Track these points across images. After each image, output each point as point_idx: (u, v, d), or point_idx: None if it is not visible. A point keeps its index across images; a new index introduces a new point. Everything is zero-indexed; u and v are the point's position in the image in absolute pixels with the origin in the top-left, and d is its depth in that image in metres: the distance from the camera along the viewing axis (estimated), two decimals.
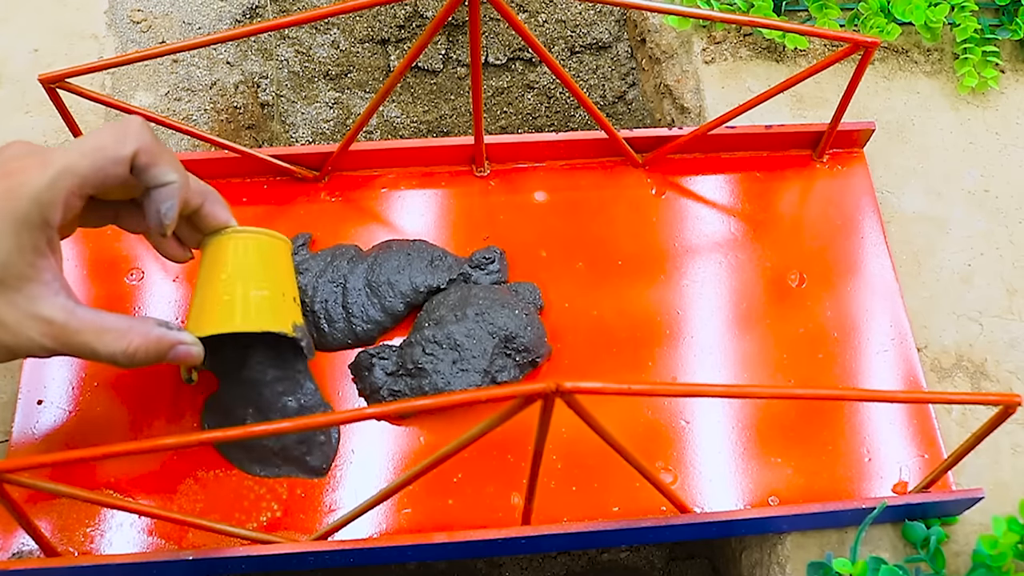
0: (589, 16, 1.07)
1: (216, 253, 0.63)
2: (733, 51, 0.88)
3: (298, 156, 0.77)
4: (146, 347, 0.58)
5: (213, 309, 0.61)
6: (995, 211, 0.81)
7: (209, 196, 0.62)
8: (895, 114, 0.85)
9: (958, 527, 0.68)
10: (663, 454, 0.68)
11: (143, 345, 0.58)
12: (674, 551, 0.95)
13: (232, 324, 0.61)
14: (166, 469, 0.66)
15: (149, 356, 0.58)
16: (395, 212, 0.78)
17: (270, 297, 0.63)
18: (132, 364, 0.58)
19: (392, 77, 0.68)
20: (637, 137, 0.79)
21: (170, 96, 0.85)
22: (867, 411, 0.70)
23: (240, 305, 0.61)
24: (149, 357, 0.58)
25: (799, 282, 0.76)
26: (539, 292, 0.73)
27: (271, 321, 0.62)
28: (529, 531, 0.62)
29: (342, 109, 1.08)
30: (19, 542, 0.63)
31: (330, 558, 0.61)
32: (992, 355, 0.74)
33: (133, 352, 0.57)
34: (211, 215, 0.62)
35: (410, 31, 1.07)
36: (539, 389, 0.46)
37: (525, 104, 1.11)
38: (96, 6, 0.88)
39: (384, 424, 0.69)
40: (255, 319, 0.61)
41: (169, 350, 0.59)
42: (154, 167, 0.58)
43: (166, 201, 0.58)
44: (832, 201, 0.79)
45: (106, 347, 0.57)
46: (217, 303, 0.61)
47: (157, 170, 0.58)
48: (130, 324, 0.58)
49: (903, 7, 0.84)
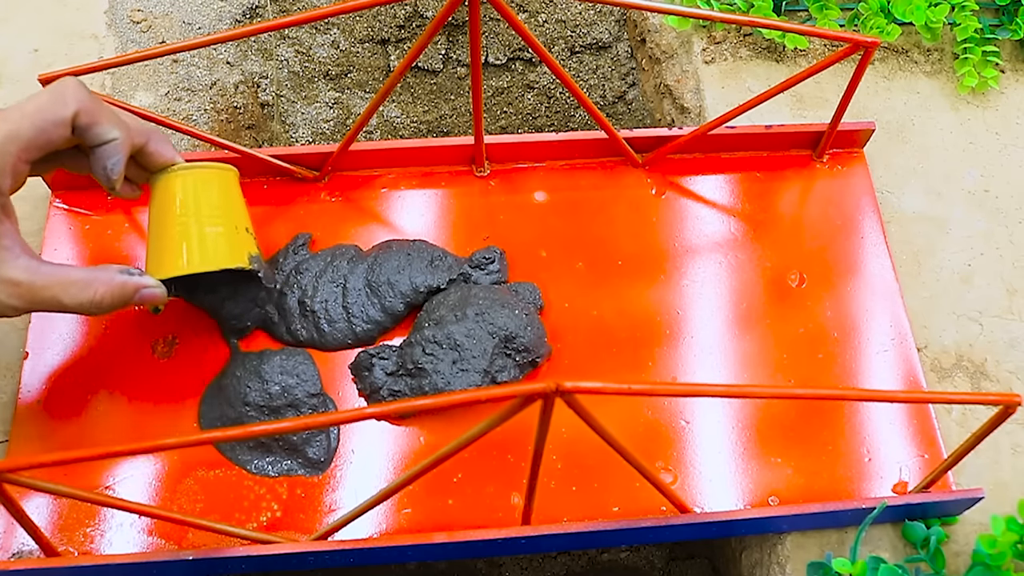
0: (589, 16, 1.07)
1: (165, 191, 0.64)
2: (733, 51, 0.88)
3: (298, 156, 0.77)
4: (111, 294, 0.61)
5: (171, 250, 0.63)
6: (995, 211, 0.81)
7: (153, 135, 0.63)
8: (895, 114, 0.85)
9: (958, 527, 0.68)
10: (663, 454, 0.68)
11: (108, 293, 0.61)
12: (674, 551, 0.95)
13: (191, 265, 0.63)
14: (166, 469, 0.66)
15: (115, 302, 0.61)
16: (395, 212, 0.78)
17: (224, 233, 0.64)
18: (100, 311, 0.61)
19: (392, 77, 0.68)
20: (637, 137, 0.79)
21: (170, 96, 0.85)
22: (867, 411, 0.70)
23: (197, 245, 0.63)
24: (115, 303, 0.61)
25: (799, 282, 0.76)
26: (539, 292, 0.73)
27: (226, 258, 0.64)
28: (529, 531, 0.62)
29: (342, 109, 1.08)
30: (19, 542, 0.63)
31: (330, 558, 0.61)
32: (992, 355, 0.74)
33: (100, 300, 0.60)
34: (156, 153, 0.63)
35: (410, 31, 1.07)
36: (539, 389, 0.46)
37: (525, 104, 1.11)
38: (96, 6, 0.88)
39: (384, 424, 0.69)
40: (211, 258, 0.64)
41: (134, 294, 0.62)
42: (96, 126, 0.59)
43: (111, 158, 0.60)
44: (832, 201, 0.79)
45: (73, 299, 0.60)
46: (173, 244, 0.63)
47: (99, 128, 0.59)
48: (94, 274, 0.61)
49: (903, 7, 0.84)
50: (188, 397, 0.69)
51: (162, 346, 0.71)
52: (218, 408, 0.68)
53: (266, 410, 0.67)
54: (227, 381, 0.68)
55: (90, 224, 0.75)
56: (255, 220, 0.75)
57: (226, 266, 0.64)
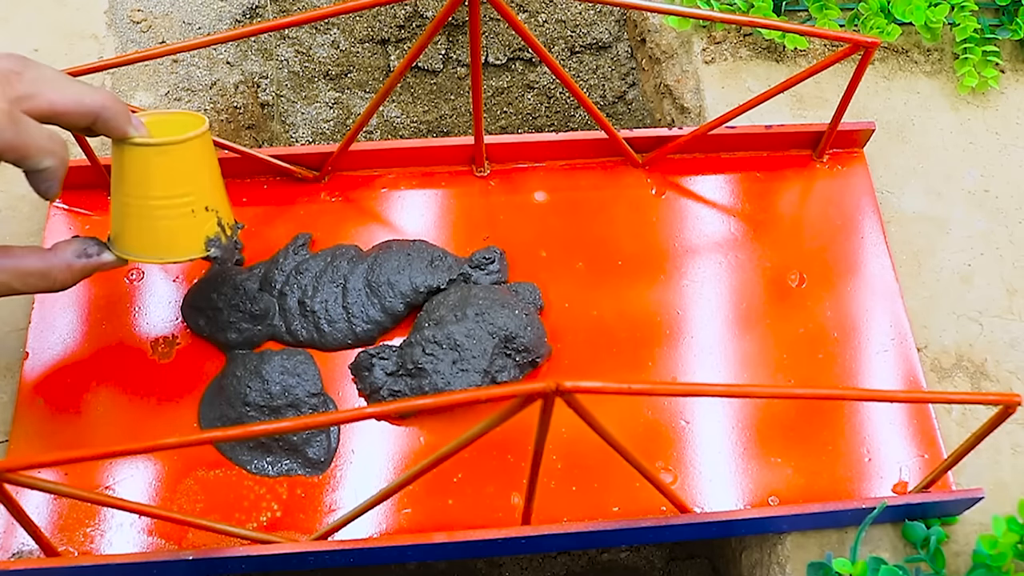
0: (589, 16, 1.07)
1: (119, 166, 0.61)
2: (733, 51, 0.88)
3: (298, 156, 0.77)
4: (72, 278, 0.62)
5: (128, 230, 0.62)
6: (995, 211, 0.81)
7: (102, 114, 0.58)
8: (895, 114, 0.85)
9: (958, 527, 0.68)
10: (663, 454, 0.68)
11: (68, 277, 0.62)
12: (674, 551, 0.95)
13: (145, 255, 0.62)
14: (166, 469, 0.66)
15: (76, 281, 0.62)
16: (395, 212, 0.78)
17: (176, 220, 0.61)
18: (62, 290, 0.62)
19: (392, 77, 0.68)
20: (637, 137, 0.79)
21: (170, 96, 0.85)
22: (867, 411, 0.70)
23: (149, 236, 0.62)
24: (76, 281, 0.63)
25: (799, 282, 0.76)
26: (539, 292, 0.73)
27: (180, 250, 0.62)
28: (529, 531, 0.62)
29: (342, 109, 1.08)
30: (19, 542, 0.63)
31: (330, 558, 0.61)
32: (992, 355, 0.74)
33: (60, 286, 0.62)
34: (106, 131, 0.59)
35: (410, 31, 1.07)
36: (539, 389, 0.46)
37: (525, 104, 1.11)
38: (96, 6, 0.88)
39: (384, 424, 0.69)
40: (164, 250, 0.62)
41: (93, 272, 0.63)
42: (26, 160, 0.56)
43: (44, 183, 0.58)
44: (832, 201, 0.79)
45: (33, 288, 0.61)
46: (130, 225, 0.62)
47: (30, 162, 0.57)
48: (50, 263, 0.61)
49: (903, 7, 0.84)
50: (188, 397, 0.69)
51: (162, 346, 0.71)
52: (218, 408, 0.68)
53: (266, 410, 0.67)
54: (227, 381, 0.68)
55: (90, 224, 0.75)
56: (255, 220, 0.75)
57: (179, 259, 0.62)
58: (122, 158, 0.61)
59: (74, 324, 0.71)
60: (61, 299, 0.71)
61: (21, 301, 0.72)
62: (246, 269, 0.72)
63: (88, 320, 0.71)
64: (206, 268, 0.73)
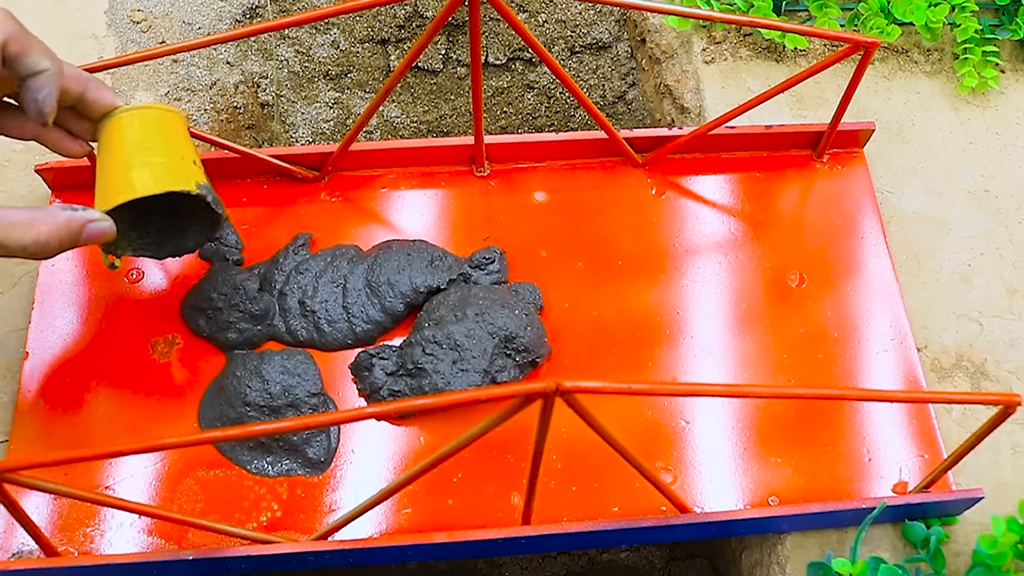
0: (589, 16, 1.07)
1: (108, 134, 0.62)
2: (733, 51, 0.88)
3: (298, 156, 0.77)
4: (57, 233, 0.58)
5: (116, 180, 0.61)
6: (995, 211, 0.81)
7: (91, 83, 0.61)
8: (895, 114, 0.85)
9: (958, 527, 0.68)
10: (663, 454, 0.68)
11: (54, 232, 0.58)
12: (674, 551, 0.95)
13: (133, 191, 0.61)
14: (166, 469, 0.66)
15: (63, 242, 0.58)
16: (395, 212, 0.78)
17: (167, 163, 0.62)
18: (47, 253, 0.58)
19: (392, 77, 0.68)
20: (637, 137, 0.79)
21: (170, 96, 0.85)
22: (867, 411, 0.70)
23: (137, 173, 0.61)
24: (63, 243, 0.58)
25: (799, 282, 0.76)
26: (539, 292, 0.73)
27: (170, 182, 0.61)
28: (529, 531, 0.62)
29: (342, 109, 1.08)
30: (19, 542, 0.63)
31: (330, 558, 0.61)
32: (992, 355, 0.74)
33: (45, 241, 0.57)
34: (96, 100, 0.61)
35: (410, 31, 1.07)
36: (539, 389, 0.46)
37: (525, 104, 1.11)
38: (96, 6, 0.88)
39: (384, 424, 0.69)
40: (153, 183, 0.61)
41: (81, 232, 0.59)
42: (26, 55, 0.57)
43: (42, 89, 0.58)
44: (832, 201, 0.79)
45: (16, 241, 0.57)
46: (118, 174, 0.61)
47: (29, 59, 0.57)
48: (35, 215, 0.58)
49: (903, 7, 0.84)
50: (188, 397, 0.69)
51: (162, 346, 0.71)
52: (218, 408, 0.68)
53: (266, 410, 0.67)
54: (227, 381, 0.68)
55: None
56: (255, 220, 0.76)
57: (172, 189, 0.61)
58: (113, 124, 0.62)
59: (74, 324, 0.71)
60: (61, 299, 0.72)
61: (21, 301, 0.72)
62: (246, 269, 0.73)
63: (88, 320, 0.71)
64: (206, 268, 0.73)
